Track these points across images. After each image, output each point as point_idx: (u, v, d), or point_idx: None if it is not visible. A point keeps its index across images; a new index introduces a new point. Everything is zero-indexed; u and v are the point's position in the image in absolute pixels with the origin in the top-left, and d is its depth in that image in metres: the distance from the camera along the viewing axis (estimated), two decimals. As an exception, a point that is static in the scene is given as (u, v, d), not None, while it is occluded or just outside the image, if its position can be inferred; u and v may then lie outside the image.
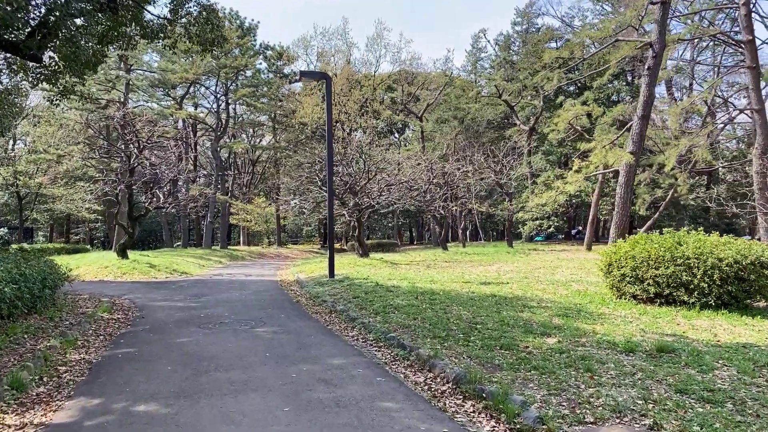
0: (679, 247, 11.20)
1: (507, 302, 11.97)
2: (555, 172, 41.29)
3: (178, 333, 9.76)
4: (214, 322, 10.76)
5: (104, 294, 16.16)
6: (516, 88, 43.77)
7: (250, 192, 58.36)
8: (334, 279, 17.73)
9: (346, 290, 14.96)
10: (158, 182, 25.70)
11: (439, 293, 13.33)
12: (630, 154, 18.13)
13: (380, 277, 18.08)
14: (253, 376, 6.77)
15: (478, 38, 62.23)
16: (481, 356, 7.16)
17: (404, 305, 11.48)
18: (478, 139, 48.84)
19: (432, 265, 23.61)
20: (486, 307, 11.15)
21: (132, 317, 11.83)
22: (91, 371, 7.22)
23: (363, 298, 12.97)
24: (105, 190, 27.63)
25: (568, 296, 13.14)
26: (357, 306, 12.11)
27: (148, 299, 14.83)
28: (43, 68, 14.37)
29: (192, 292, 16.52)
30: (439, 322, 9.53)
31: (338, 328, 10.17)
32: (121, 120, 25.55)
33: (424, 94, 51.32)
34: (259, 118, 58.01)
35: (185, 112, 40.09)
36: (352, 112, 45.46)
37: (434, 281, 16.49)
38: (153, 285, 19.14)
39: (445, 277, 18.08)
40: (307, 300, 14.51)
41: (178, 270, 24.89)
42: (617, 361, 6.88)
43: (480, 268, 21.70)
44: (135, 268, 23.32)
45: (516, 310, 10.85)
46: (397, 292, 13.68)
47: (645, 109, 18.37)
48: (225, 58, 43.69)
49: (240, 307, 12.89)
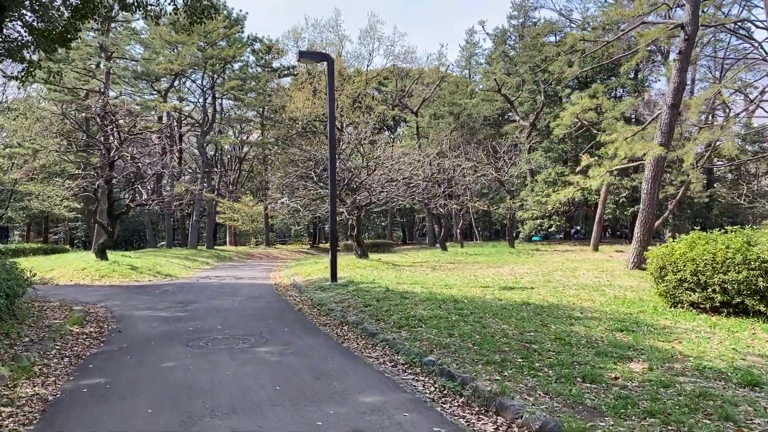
0: (751, 248, 9.58)
1: (547, 312, 10.30)
2: (556, 170, 39.83)
3: (162, 354, 7.95)
4: (206, 338, 8.97)
5: (78, 301, 14.27)
6: (515, 83, 42.21)
7: (237, 190, 56.32)
8: (337, 283, 15.97)
9: (353, 297, 13.22)
10: (141, 177, 23.75)
11: (463, 301, 11.62)
12: (660, 146, 16.55)
13: (387, 280, 16.36)
14: (265, 426, 4.99)
15: (472, 33, 60.85)
16: (562, 393, 5.45)
17: (429, 316, 9.76)
18: (474, 135, 47.29)
19: (437, 267, 21.90)
20: (527, 320, 9.47)
21: (107, 331, 10.00)
22: (44, 416, 5.40)
23: (376, 307, 11.24)
24: (83, 186, 25.58)
25: (610, 304, 11.50)
26: (372, 317, 10.38)
27: (128, 307, 12.96)
28: (7, 41, 12.52)
29: (178, 298, 14.67)
30: (484, 340, 7.82)
31: (356, 347, 8.43)
32: (101, 110, 23.59)
33: (418, 89, 49.63)
34: (246, 113, 56.03)
35: (170, 105, 38.06)
36: (345, 106, 43.61)
37: (449, 286, 14.79)
38: (134, 290, 17.25)
39: (458, 280, 16.40)
40: (311, 308, 12.74)
41: (163, 272, 22.97)
42: (750, 400, 5.20)
43: (490, 271, 20.04)
44: (115, 271, 21.37)
45: (564, 323, 9.18)
46: (414, 300, 11.95)
47: (675, 97, 16.81)
48: (212, 49, 41.72)
49: (234, 318, 11.09)
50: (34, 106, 35.34)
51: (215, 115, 47.76)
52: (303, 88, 45.43)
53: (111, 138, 23.13)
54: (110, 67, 32.61)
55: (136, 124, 23.93)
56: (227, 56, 41.58)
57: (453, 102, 48.94)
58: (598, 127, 31.12)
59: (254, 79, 48.05)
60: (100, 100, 24.42)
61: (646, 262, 18.79)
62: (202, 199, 42.76)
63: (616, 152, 19.46)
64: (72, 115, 24.30)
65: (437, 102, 51.58)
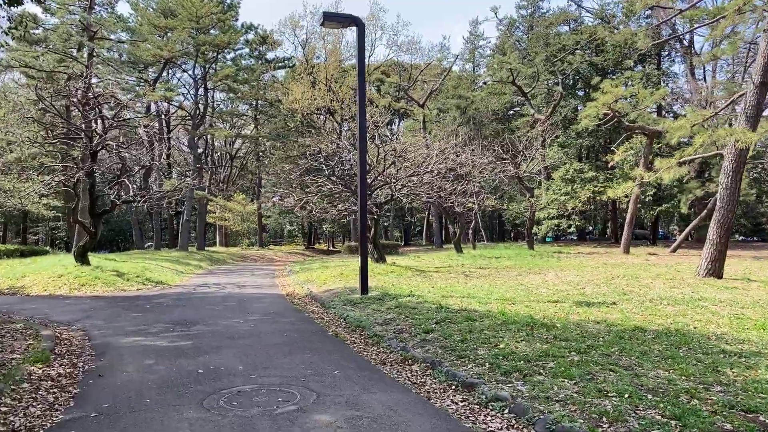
0: None
1: (683, 343, 7.62)
2: (574, 166, 37.29)
3: (168, 427, 5.12)
4: (227, 392, 6.15)
5: (49, 319, 11.40)
6: (530, 73, 39.58)
7: (228, 188, 53.23)
8: (370, 296, 13.16)
9: (399, 316, 10.45)
10: (127, 171, 20.76)
11: (553, 326, 8.88)
12: (749, 131, 13.92)
13: (426, 292, 13.62)
14: None
15: (476, 24, 58.40)
16: None
17: (535, 354, 7.03)
18: (481, 131, 44.68)
19: (469, 274, 19.08)
20: (677, 359, 6.76)
21: (83, 373, 7.16)
22: None
23: (443, 334, 8.50)
24: (62, 181, 22.58)
25: (745, 328, 8.81)
26: (448, 351, 7.61)
27: (112, 330, 10.09)
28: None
29: (175, 315, 11.78)
30: (666, 402, 5.07)
31: (457, 409, 5.64)
32: (83, 95, 20.63)
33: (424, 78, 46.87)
34: (239, 107, 53.03)
35: (159, 94, 34.96)
36: (346, 98, 40.78)
37: (509, 300, 12.05)
38: (120, 302, 14.34)
39: (511, 292, 13.68)
40: (349, 332, 9.92)
41: (153, 279, 20.03)
42: None
43: (534, 279, 17.31)
44: (98, 278, 18.41)
45: (736, 365, 6.49)
46: (486, 323, 9.21)
47: (765, 75, 14.21)
48: (204, 35, 38.72)
49: (257, 351, 8.26)
50: (9, 95, 32.15)
51: (207, 106, 44.74)
52: (301, 78, 42.56)
53: (93, 125, 20.14)
54: (93, 48, 29.46)
55: (122, 109, 20.96)
56: (221, 42, 38.59)
57: (460, 95, 46.34)
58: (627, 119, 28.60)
59: (248, 70, 45.12)
60: (80, 82, 21.40)
61: (723, 269, 16.31)
62: (193, 198, 39.72)
63: (679, 142, 16.81)
64: (49, 99, 21.19)
65: (442, 95, 48.99)
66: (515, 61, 38.92)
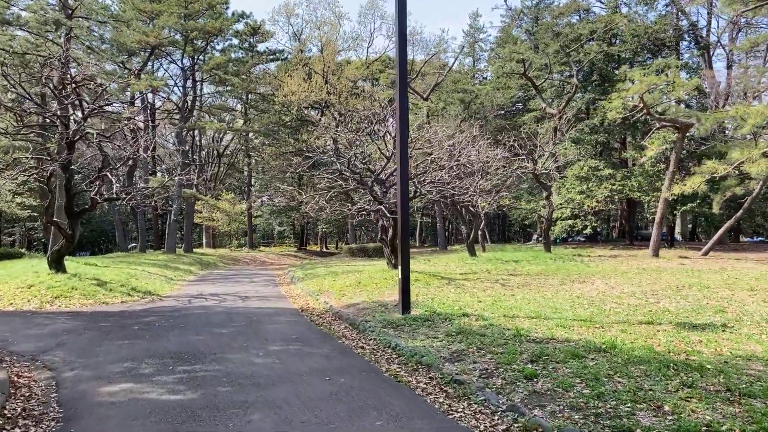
0: None
1: None
2: (589, 163, 35.09)
3: None
4: None
5: (7, 349, 8.80)
6: (540, 64, 37.30)
7: (216, 187, 50.35)
8: (413, 316, 10.67)
9: (468, 346, 8.06)
10: (109, 164, 18.03)
11: (705, 368, 6.49)
12: None
13: (480, 309, 11.27)
14: None
15: (476, 17, 56.18)
16: None
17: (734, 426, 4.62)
18: (485, 126, 42.34)
19: (504, 282, 16.62)
20: None
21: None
22: None
23: (558, 382, 6.13)
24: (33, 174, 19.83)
25: None
26: (577, 411, 5.25)
27: (90, 372, 7.47)
28: None
29: (172, 344, 9.18)
30: None
31: None
32: (59, 74, 17.93)
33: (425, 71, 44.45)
34: (228, 102, 50.23)
35: (144, 83, 32.10)
36: (345, 90, 38.23)
37: (592, 322, 9.68)
38: (102, 320, 11.71)
39: (579, 308, 11.32)
40: (409, 371, 7.40)
41: (140, 288, 17.34)
42: None
43: (583, 288, 14.97)
44: (75, 288, 15.71)
45: None
46: (602, 361, 6.81)
47: None
48: (194, 22, 35.94)
49: (301, 411, 5.74)
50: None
51: (195, 100, 41.91)
52: (296, 70, 39.91)
53: (71, 110, 17.45)
54: (71, 27, 26.52)
55: (103, 94, 18.31)
56: (212, 29, 35.82)
57: (464, 89, 44.00)
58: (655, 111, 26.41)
59: (238, 62, 42.38)
60: (57, 61, 18.64)
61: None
62: (180, 196, 36.92)
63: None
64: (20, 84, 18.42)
65: (443, 90, 46.67)
66: (527, 50, 36.58)
